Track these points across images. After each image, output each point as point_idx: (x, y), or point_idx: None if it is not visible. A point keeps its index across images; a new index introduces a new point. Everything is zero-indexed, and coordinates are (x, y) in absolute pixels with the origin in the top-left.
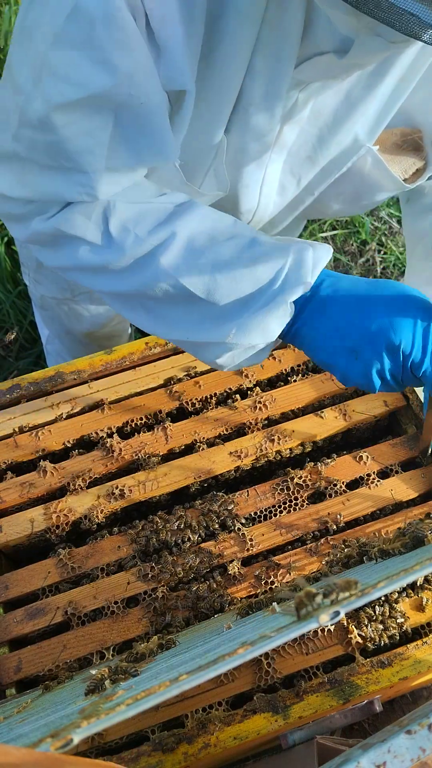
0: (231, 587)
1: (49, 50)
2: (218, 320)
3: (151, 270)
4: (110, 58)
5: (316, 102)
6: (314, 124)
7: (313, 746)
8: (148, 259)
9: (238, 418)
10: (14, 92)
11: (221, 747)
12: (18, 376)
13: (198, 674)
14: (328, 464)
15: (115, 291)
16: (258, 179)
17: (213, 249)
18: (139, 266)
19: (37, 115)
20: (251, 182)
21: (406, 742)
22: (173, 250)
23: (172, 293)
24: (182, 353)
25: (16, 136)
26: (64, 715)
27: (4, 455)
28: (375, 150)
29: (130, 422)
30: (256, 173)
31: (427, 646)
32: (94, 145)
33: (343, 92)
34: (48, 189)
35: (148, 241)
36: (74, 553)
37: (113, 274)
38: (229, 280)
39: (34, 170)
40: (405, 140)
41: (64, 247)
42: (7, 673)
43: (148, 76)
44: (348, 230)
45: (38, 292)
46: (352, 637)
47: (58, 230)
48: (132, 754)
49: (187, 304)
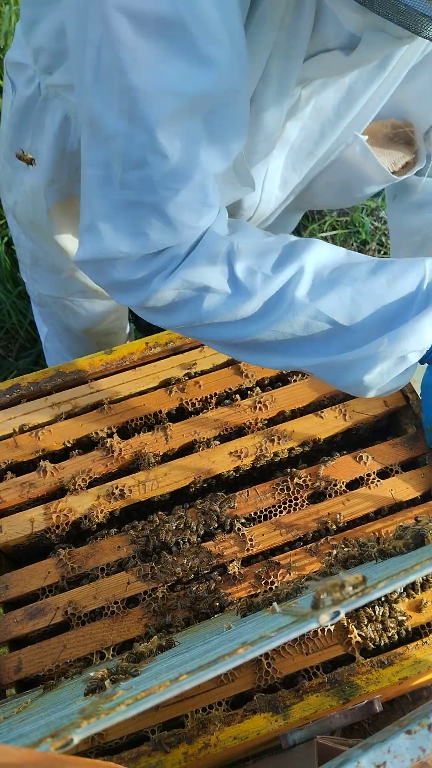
0: (231, 587)
1: (130, 76)
2: (363, 340)
3: (284, 306)
4: (207, 54)
5: (319, 98)
6: (316, 120)
7: (313, 746)
8: (281, 295)
9: (238, 418)
10: (108, 142)
11: (221, 747)
12: (18, 376)
13: (198, 674)
14: (328, 464)
15: (244, 338)
16: (261, 175)
17: (346, 275)
18: (272, 305)
19: (141, 148)
20: (255, 179)
21: (406, 742)
22: (305, 283)
23: (312, 326)
24: (182, 353)
25: (122, 183)
26: (64, 715)
27: (4, 455)
28: (363, 139)
29: (130, 422)
30: (260, 170)
31: (427, 646)
32: (199, 153)
33: (344, 88)
34: (163, 230)
35: (277, 279)
36: (74, 553)
37: (242, 321)
38: (372, 299)
39: (146, 214)
40: (396, 133)
41: (186, 302)
42: (7, 673)
43: (242, 61)
44: (348, 230)
45: (35, 290)
46: (352, 637)
47: (184, 281)
48: (132, 754)
49: (326, 335)
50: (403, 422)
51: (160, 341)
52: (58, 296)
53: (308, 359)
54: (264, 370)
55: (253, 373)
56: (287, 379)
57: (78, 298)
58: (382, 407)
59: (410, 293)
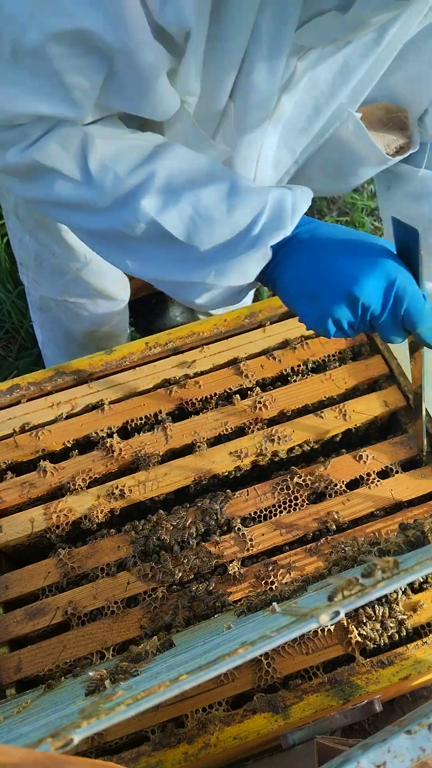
0: (231, 587)
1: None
2: (198, 263)
3: (131, 210)
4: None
5: (314, 72)
6: (311, 95)
7: (313, 746)
8: (129, 199)
9: (238, 418)
10: (5, 22)
11: (221, 747)
12: (18, 376)
13: (198, 674)
14: (327, 464)
15: (92, 229)
16: (255, 153)
17: (193, 192)
18: (119, 206)
19: (32, 44)
20: (249, 155)
21: (406, 742)
22: (153, 192)
23: (153, 234)
24: (182, 353)
25: (6, 60)
26: (64, 715)
27: (4, 455)
28: (357, 117)
29: (130, 422)
30: (254, 145)
31: (427, 646)
32: (88, 86)
33: (339, 62)
34: (27, 106)
35: (127, 181)
36: (74, 553)
37: (91, 212)
38: (209, 225)
39: (16, 92)
40: (390, 118)
41: (40, 179)
42: (7, 673)
43: (142, 28)
44: None
45: (37, 293)
46: (352, 637)
47: (35, 161)
48: (132, 754)
49: (168, 245)
50: (403, 422)
51: (160, 341)
52: (61, 299)
53: (152, 269)
54: (264, 370)
55: (253, 373)
56: (287, 379)
57: (82, 300)
58: (383, 407)
59: (243, 228)
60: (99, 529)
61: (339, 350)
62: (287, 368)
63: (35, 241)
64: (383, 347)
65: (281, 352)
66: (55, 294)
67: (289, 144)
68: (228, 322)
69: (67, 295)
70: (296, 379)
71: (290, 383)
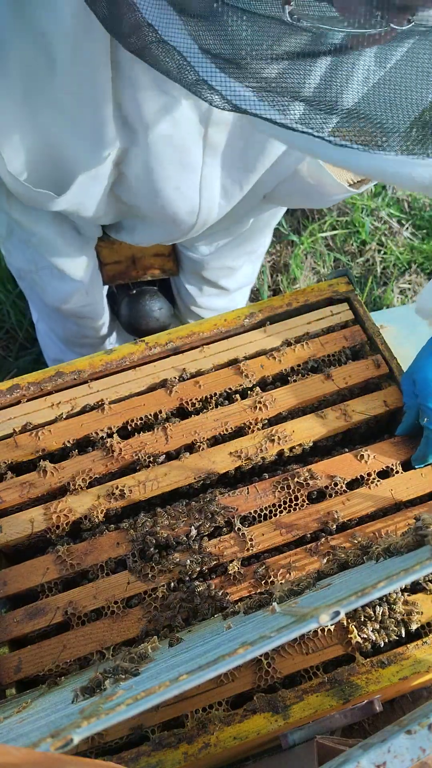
0: (231, 587)
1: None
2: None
3: None
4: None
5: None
6: (238, 128)
7: (313, 746)
8: None
9: (238, 418)
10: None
11: (221, 747)
12: (18, 376)
13: (198, 674)
14: (328, 463)
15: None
16: (194, 183)
17: None
18: None
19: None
20: (182, 185)
21: (406, 742)
22: None
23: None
24: (182, 353)
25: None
26: (64, 715)
27: (4, 455)
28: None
29: (130, 422)
30: (188, 176)
31: (427, 646)
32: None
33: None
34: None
35: None
36: (72, 549)
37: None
38: None
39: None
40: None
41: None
42: (7, 673)
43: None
44: (348, 230)
45: (13, 264)
46: (352, 636)
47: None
48: (132, 754)
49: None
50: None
51: (160, 341)
52: (29, 269)
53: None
54: (264, 370)
55: (253, 373)
56: (287, 379)
57: (46, 275)
58: (383, 407)
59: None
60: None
61: (339, 350)
62: (287, 368)
63: (3, 210)
64: (383, 347)
65: (281, 352)
66: (23, 265)
67: (234, 176)
68: (228, 322)
69: (34, 266)
70: (296, 379)
71: (290, 383)
